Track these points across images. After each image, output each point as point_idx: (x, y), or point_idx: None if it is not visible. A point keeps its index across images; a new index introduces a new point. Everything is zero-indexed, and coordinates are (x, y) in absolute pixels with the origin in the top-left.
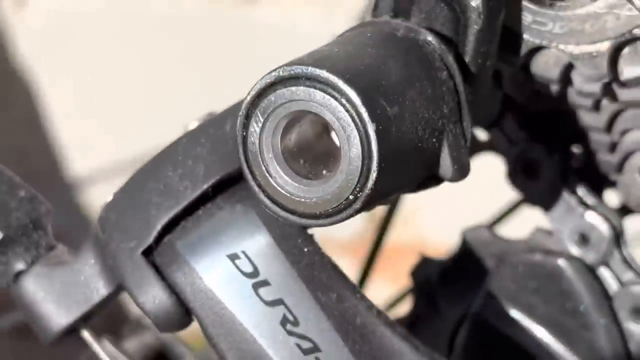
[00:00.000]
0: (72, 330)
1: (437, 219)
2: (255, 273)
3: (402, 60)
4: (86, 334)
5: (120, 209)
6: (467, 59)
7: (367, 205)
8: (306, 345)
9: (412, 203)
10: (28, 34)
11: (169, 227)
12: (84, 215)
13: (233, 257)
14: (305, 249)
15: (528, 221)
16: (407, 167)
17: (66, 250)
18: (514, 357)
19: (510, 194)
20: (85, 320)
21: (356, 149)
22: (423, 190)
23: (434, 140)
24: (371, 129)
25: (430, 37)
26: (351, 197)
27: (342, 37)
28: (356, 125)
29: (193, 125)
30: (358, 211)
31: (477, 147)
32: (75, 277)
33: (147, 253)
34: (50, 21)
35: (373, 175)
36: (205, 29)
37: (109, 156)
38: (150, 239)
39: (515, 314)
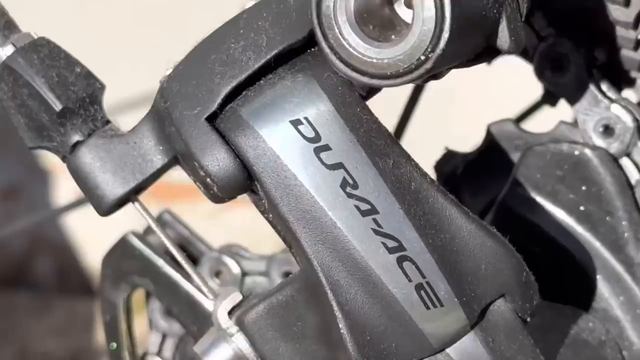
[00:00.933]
0: (125, 201)
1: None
2: (316, 138)
3: None
4: (138, 205)
5: (183, 79)
6: None
7: (436, 67)
8: (364, 207)
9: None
10: None
11: (232, 95)
12: (40, 168)
13: (296, 123)
14: (364, 117)
15: (550, 120)
16: (472, 33)
17: (120, 126)
18: (538, 243)
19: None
20: (138, 191)
21: (430, 11)
22: (477, 64)
23: (495, 11)
24: None
25: None
26: (422, 57)
27: None
28: None
29: (250, 3)
30: (428, 72)
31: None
32: (131, 148)
33: (211, 119)
34: None
35: (445, 36)
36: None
37: None
38: (214, 106)
39: (540, 200)
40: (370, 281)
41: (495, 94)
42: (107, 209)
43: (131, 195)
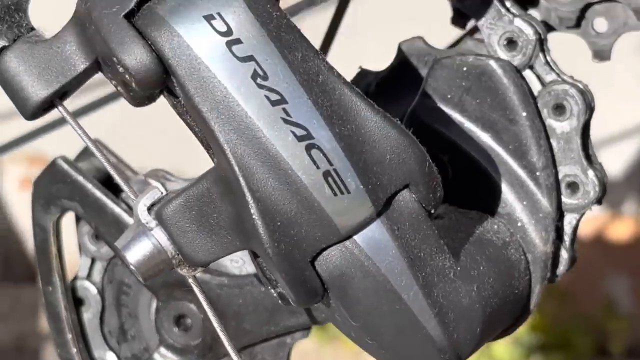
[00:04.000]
0: (50, 106)
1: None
2: (228, 32)
3: None
4: (62, 108)
5: None
6: None
7: None
8: (274, 97)
9: None
10: None
11: None
12: None
13: (209, 18)
14: (274, 14)
15: None
16: None
17: (45, 33)
18: (446, 151)
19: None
20: (62, 95)
21: None
22: None
23: None
24: None
25: None
26: None
27: None
28: None
29: None
30: None
31: None
32: (54, 52)
33: (129, 17)
34: None
35: None
36: None
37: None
38: (131, 4)
39: (447, 110)
40: (280, 168)
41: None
42: (31, 111)
43: (55, 99)
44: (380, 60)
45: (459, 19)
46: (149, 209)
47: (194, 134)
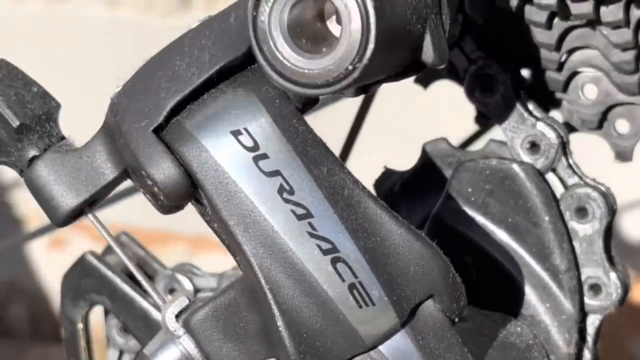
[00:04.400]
0: (80, 213)
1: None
2: (255, 147)
3: None
4: (91, 216)
5: (132, 94)
6: None
7: (364, 77)
8: (300, 211)
9: None
10: None
11: (177, 109)
12: (12, 217)
13: (236, 133)
14: (300, 128)
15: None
16: (398, 46)
17: (74, 142)
18: (469, 253)
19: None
20: (91, 203)
21: (356, 23)
22: (405, 78)
23: (419, 26)
24: (370, 4)
25: None
26: (350, 67)
27: None
28: (357, 1)
29: (195, 24)
30: (356, 81)
31: (436, 74)
32: (84, 162)
33: (157, 131)
34: None
35: (370, 47)
36: (138, 33)
37: None
38: (160, 118)
39: (471, 213)
40: (306, 281)
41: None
42: (62, 219)
43: (85, 207)
44: (401, 156)
45: (482, 119)
46: (177, 316)
47: (221, 240)
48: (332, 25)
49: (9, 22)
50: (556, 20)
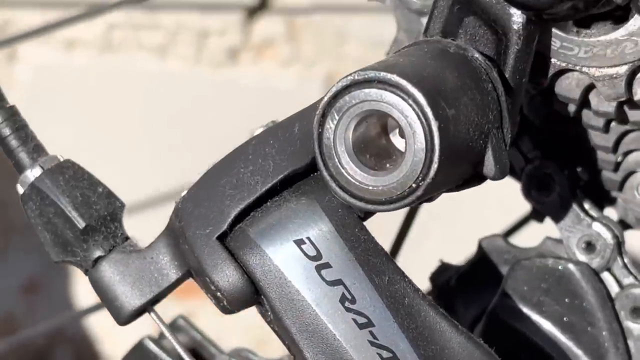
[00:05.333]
0: (142, 311)
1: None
2: (318, 256)
3: (456, 71)
4: (154, 315)
5: (196, 200)
6: (507, 74)
7: (426, 194)
8: (361, 320)
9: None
10: (18, 88)
11: (241, 216)
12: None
13: (299, 242)
14: (362, 237)
15: (537, 233)
16: (460, 162)
17: (138, 242)
18: (525, 351)
19: (521, 210)
20: (154, 302)
21: (420, 143)
22: (465, 189)
23: (480, 142)
24: (434, 126)
25: (477, 55)
26: (414, 185)
27: (402, 51)
28: (421, 122)
29: (258, 130)
30: (419, 198)
31: None
32: (148, 263)
33: (222, 238)
34: (39, 75)
35: (434, 166)
36: (188, 86)
37: None
38: (224, 226)
39: (527, 311)
40: None
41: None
42: (125, 319)
43: (148, 307)
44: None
45: (537, 215)
46: None
47: (281, 341)
48: (396, 139)
49: (60, 71)
50: (613, 124)
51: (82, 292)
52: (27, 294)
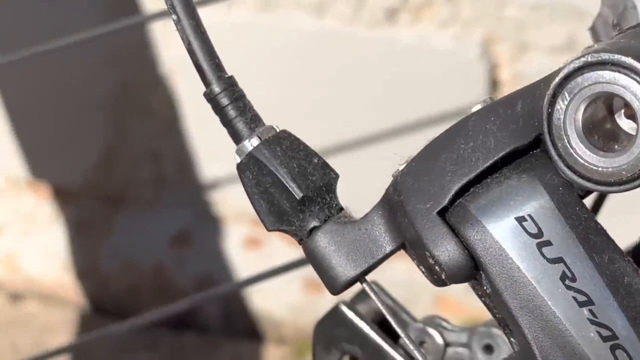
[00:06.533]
0: (355, 281)
1: None
2: (539, 234)
3: None
4: (367, 286)
5: (416, 175)
6: None
7: None
8: (581, 298)
9: None
10: (172, 43)
11: (461, 191)
12: (210, 216)
13: (520, 220)
14: (582, 216)
15: None
16: None
17: (352, 213)
18: None
19: None
20: (366, 273)
21: None
22: None
23: None
24: None
25: None
26: None
27: (629, 33)
28: None
29: (477, 107)
30: None
31: None
32: (363, 234)
33: (442, 213)
34: None
35: None
36: (345, 45)
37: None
38: (445, 201)
39: None
40: None
41: None
42: (339, 288)
43: (361, 277)
44: None
45: None
46: None
47: (492, 315)
48: (621, 121)
49: (220, 28)
50: None
51: (232, 244)
52: (177, 245)
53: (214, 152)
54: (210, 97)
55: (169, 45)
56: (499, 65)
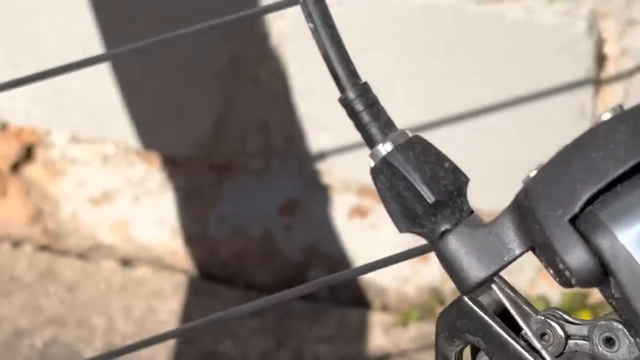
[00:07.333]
0: (484, 282)
1: None
2: None
3: None
4: (496, 287)
5: (547, 182)
6: None
7: None
8: None
9: None
10: (280, 16)
11: (592, 199)
12: (318, 185)
13: None
14: None
15: None
16: None
17: (481, 216)
18: None
19: None
20: (495, 274)
21: None
22: None
23: None
24: None
25: None
26: None
27: None
28: None
29: (606, 116)
30: None
31: None
32: (493, 237)
33: (572, 220)
34: None
35: None
36: (451, 19)
37: (341, 135)
38: (576, 209)
39: None
40: None
41: None
42: (469, 289)
43: (491, 278)
44: None
45: None
46: None
47: (619, 317)
48: None
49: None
50: None
51: (338, 214)
52: (284, 214)
53: (321, 122)
54: (345, 103)
55: (278, 18)
56: (606, 40)
